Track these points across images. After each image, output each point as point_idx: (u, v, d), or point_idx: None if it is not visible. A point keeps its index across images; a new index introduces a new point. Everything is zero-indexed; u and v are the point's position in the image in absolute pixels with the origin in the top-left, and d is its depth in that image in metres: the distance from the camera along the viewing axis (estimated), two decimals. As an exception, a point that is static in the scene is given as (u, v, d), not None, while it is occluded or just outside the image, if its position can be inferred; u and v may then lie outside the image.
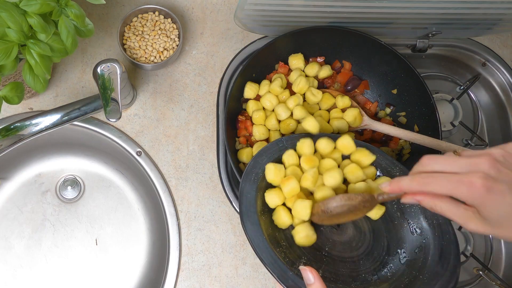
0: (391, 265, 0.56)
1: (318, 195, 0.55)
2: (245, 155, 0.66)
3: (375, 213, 0.57)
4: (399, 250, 0.57)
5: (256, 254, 0.50)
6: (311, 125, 0.61)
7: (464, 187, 0.39)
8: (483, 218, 0.40)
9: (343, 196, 0.52)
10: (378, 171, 0.61)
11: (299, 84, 0.67)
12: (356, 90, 0.73)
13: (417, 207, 0.58)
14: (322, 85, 0.72)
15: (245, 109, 0.70)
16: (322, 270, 0.53)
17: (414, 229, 0.58)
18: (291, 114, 0.66)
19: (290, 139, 0.59)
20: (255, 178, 0.56)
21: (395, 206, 0.60)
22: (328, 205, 0.52)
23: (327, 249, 0.56)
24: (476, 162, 0.40)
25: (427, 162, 0.43)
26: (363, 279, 0.54)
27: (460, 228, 0.75)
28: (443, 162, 0.42)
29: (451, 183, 0.40)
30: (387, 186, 0.46)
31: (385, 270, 0.56)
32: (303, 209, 0.53)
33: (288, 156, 0.57)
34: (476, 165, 0.39)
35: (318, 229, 0.57)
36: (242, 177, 0.55)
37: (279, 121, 0.66)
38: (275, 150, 0.58)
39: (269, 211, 0.56)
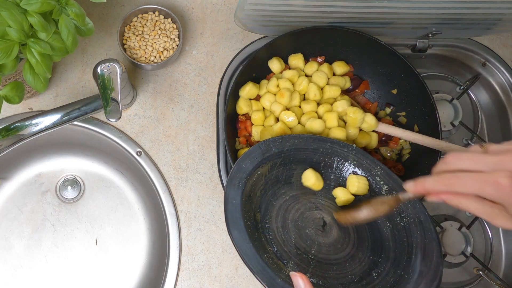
0: (377, 265, 0.56)
1: None
2: (245, 155, 0.66)
3: (344, 200, 0.61)
4: (383, 250, 0.57)
5: (244, 263, 0.49)
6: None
7: (490, 187, 0.38)
8: (511, 215, 0.40)
9: (370, 208, 0.54)
10: (359, 170, 0.61)
11: (301, 85, 0.67)
12: (356, 90, 0.73)
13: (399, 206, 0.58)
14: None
15: (245, 109, 0.70)
16: (309, 273, 0.53)
17: (396, 228, 0.58)
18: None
19: (273, 141, 0.59)
20: (239, 183, 0.55)
21: None
22: (356, 217, 0.55)
23: (313, 251, 0.56)
24: (502, 160, 0.39)
25: (451, 160, 0.42)
26: (350, 281, 0.54)
27: (460, 228, 0.75)
28: (468, 160, 0.41)
29: (477, 183, 0.39)
30: (412, 187, 0.46)
31: (371, 271, 0.56)
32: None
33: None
34: (502, 163, 0.39)
35: (304, 232, 0.57)
36: (226, 183, 0.54)
37: (277, 119, 0.66)
38: (258, 154, 0.58)
39: (254, 216, 0.56)
